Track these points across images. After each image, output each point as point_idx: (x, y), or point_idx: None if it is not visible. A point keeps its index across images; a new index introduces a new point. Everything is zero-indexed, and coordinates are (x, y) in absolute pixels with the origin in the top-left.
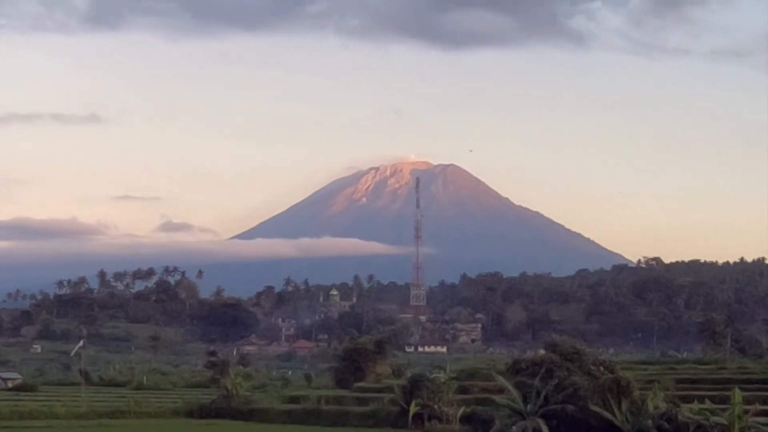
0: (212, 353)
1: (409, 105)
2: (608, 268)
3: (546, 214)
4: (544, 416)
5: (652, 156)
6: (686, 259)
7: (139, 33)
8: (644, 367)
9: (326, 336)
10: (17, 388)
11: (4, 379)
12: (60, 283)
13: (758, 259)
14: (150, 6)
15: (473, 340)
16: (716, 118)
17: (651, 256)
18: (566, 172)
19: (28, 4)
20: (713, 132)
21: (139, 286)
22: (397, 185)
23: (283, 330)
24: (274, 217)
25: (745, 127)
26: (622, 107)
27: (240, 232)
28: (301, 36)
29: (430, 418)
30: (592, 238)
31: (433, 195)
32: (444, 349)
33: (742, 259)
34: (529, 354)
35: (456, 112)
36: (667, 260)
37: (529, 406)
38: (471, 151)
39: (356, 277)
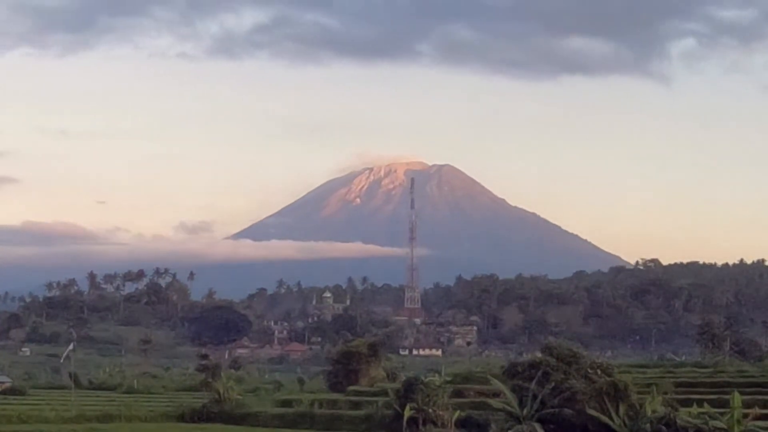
0: (204, 356)
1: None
2: (606, 269)
3: (542, 215)
4: (540, 420)
5: (651, 156)
6: (685, 261)
7: None
8: (642, 370)
9: (319, 339)
10: (6, 392)
11: None
12: (49, 285)
13: (758, 261)
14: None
15: (468, 343)
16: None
17: (649, 257)
18: (564, 172)
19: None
20: (712, 132)
21: (129, 288)
22: (391, 186)
23: (276, 333)
24: (266, 218)
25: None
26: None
27: (232, 233)
28: None
29: (424, 422)
30: (589, 240)
31: (428, 196)
32: (439, 352)
33: (741, 260)
34: (526, 357)
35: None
36: (665, 262)
37: (525, 410)
38: None
39: (350, 279)
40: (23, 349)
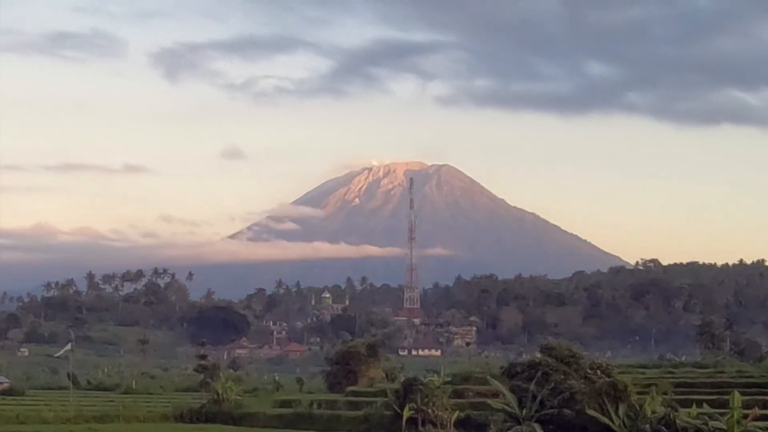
0: (202, 357)
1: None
2: (605, 270)
3: (542, 216)
4: (539, 421)
5: (651, 156)
6: (685, 261)
7: None
8: (642, 370)
9: (318, 339)
10: (4, 393)
11: None
12: (47, 286)
13: (758, 261)
14: None
15: (468, 344)
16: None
17: (649, 257)
18: (563, 173)
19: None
20: (713, 132)
21: (127, 288)
22: (390, 186)
23: (275, 333)
24: (265, 218)
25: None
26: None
27: (231, 233)
28: None
29: (424, 423)
30: (589, 240)
31: (427, 196)
32: (438, 353)
33: (741, 260)
34: (525, 357)
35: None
36: (665, 262)
37: (524, 411)
38: None
39: (349, 279)
40: (21, 349)
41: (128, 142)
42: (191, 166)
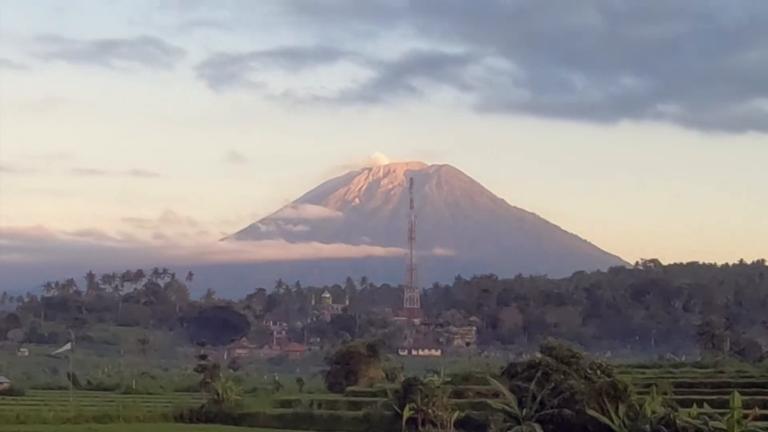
0: (202, 357)
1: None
2: (605, 270)
3: (542, 216)
4: (539, 421)
5: (650, 156)
6: (685, 261)
7: None
8: (642, 370)
9: (318, 339)
10: (4, 393)
11: None
12: (47, 286)
13: (758, 261)
14: None
15: (468, 344)
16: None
17: (649, 257)
18: (563, 173)
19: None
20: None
21: (127, 288)
22: (390, 186)
23: (275, 333)
24: (265, 218)
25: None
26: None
27: (231, 233)
28: None
29: (424, 423)
30: (588, 240)
31: (427, 196)
32: (438, 353)
33: (741, 260)
34: (525, 357)
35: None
36: (665, 262)
37: (524, 411)
38: None
39: (349, 279)
40: (21, 349)
41: (138, 147)
42: (196, 169)
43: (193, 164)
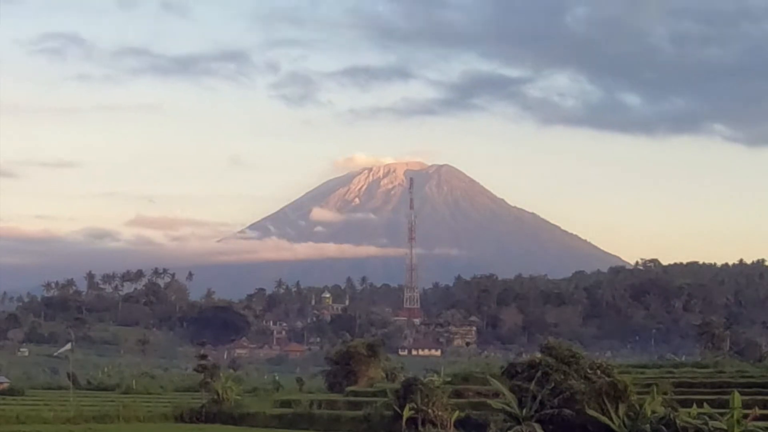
0: (202, 356)
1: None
2: (605, 269)
3: (542, 216)
4: (539, 421)
5: (650, 157)
6: (684, 261)
7: None
8: (642, 370)
9: (318, 339)
10: (4, 392)
11: None
12: (47, 286)
13: (758, 261)
14: None
15: (468, 344)
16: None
17: (649, 257)
18: (563, 173)
19: None
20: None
21: (127, 288)
22: (390, 186)
23: (275, 333)
24: (265, 218)
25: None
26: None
27: (231, 233)
28: None
29: (424, 423)
30: (588, 240)
31: (427, 196)
32: (438, 353)
33: (741, 260)
34: (525, 357)
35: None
36: (665, 262)
37: (524, 411)
38: None
39: (349, 279)
40: (21, 349)
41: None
42: (197, 171)
43: (199, 168)
